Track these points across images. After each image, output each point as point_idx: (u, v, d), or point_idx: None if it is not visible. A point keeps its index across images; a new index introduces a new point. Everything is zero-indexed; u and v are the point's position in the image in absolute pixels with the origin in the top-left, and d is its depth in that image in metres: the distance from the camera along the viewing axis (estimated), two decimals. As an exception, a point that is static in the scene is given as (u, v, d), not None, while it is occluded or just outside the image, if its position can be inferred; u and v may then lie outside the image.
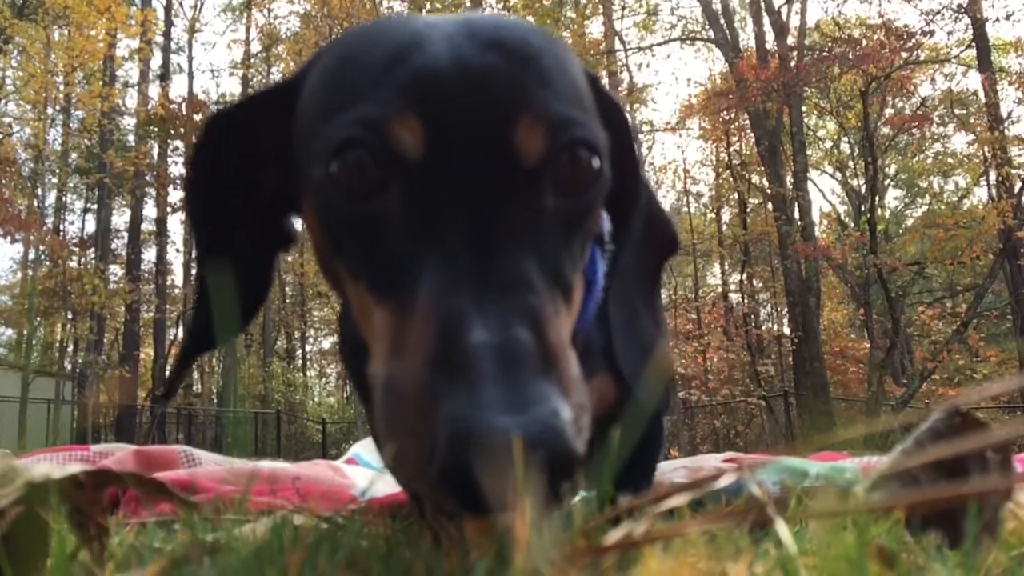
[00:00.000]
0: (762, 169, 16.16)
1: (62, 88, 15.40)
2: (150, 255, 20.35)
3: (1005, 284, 14.97)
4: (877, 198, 16.42)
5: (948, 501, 0.63)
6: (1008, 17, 14.84)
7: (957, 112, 17.82)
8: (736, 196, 20.58)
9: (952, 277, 17.47)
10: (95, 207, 19.10)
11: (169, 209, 18.34)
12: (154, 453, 2.00)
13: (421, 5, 15.48)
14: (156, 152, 18.13)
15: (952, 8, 14.05)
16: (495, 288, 0.57)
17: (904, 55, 13.96)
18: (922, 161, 22.27)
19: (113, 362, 17.73)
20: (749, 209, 20.30)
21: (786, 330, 17.21)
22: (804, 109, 16.55)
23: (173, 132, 17.06)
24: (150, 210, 19.73)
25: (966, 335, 14.95)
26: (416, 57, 0.63)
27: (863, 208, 17.39)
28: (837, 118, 17.41)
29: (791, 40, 15.44)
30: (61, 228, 20.24)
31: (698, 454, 8.98)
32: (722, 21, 15.94)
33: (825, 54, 14.25)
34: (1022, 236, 12.69)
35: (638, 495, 0.59)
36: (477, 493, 0.48)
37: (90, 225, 20.49)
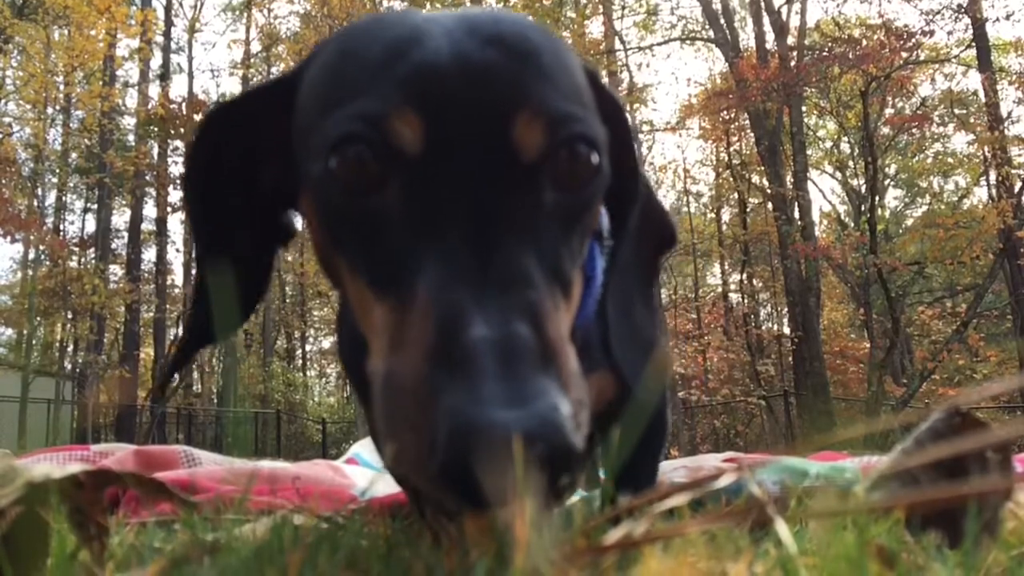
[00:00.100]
0: (762, 169, 16.17)
1: (62, 88, 15.40)
2: (150, 255, 20.39)
3: (1005, 284, 14.98)
4: (877, 198, 16.41)
5: (948, 501, 0.63)
6: (1008, 17, 14.88)
7: (957, 112, 17.83)
8: (736, 196, 20.59)
9: (952, 277, 17.47)
10: (95, 207, 19.10)
11: (169, 209, 18.32)
12: (154, 453, 2.01)
13: (421, 5, 15.49)
14: (156, 152, 18.11)
15: (952, 8, 14.08)
16: (494, 283, 0.57)
17: (904, 55, 13.96)
18: (922, 161, 22.27)
19: (113, 362, 17.73)
20: (749, 209, 20.31)
21: (786, 330, 17.23)
22: (804, 109, 16.55)
23: (173, 132, 17.03)
24: (150, 210, 19.77)
25: (966, 335, 14.95)
26: (415, 52, 0.63)
27: (863, 208, 17.40)
28: (837, 118, 17.42)
29: (791, 40, 15.45)
30: (61, 228, 20.26)
31: (698, 454, 8.98)
32: (722, 21, 15.95)
33: (825, 54, 14.26)
34: (1022, 236, 12.69)
35: (641, 492, 0.59)
36: (477, 488, 0.48)
37: (90, 225, 20.55)
